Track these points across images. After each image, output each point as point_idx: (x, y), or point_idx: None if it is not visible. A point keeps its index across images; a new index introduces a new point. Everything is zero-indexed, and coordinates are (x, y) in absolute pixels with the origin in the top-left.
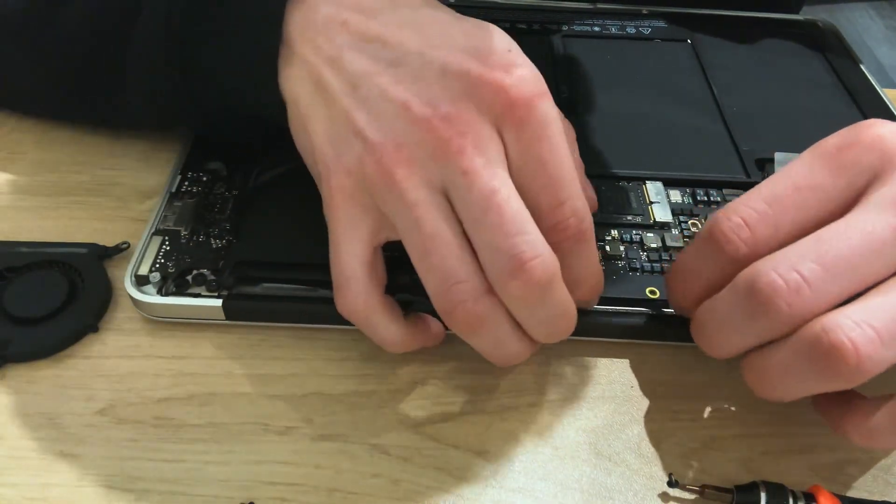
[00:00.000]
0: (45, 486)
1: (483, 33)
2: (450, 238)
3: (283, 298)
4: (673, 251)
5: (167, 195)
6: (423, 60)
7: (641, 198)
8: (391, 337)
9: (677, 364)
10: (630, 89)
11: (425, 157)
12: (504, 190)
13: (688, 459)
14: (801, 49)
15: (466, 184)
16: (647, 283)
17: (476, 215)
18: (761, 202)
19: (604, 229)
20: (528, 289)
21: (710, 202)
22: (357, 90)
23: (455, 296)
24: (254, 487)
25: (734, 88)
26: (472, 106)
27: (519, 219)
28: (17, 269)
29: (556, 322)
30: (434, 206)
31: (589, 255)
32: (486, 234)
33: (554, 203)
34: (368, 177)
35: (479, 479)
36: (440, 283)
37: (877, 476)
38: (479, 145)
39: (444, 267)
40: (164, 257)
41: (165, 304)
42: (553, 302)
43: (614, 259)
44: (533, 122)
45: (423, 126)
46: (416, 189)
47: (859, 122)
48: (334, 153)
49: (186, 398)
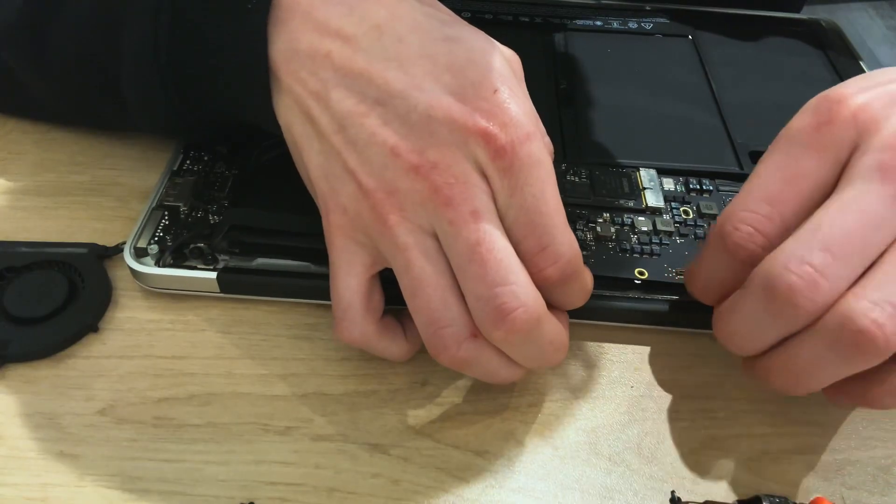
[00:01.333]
0: (45, 486)
1: (470, 69)
2: (436, 282)
3: (277, 273)
4: (663, 235)
5: (169, 173)
6: (409, 104)
7: (635, 184)
8: (392, 353)
9: (677, 364)
10: (629, 82)
11: (415, 203)
12: (488, 239)
13: (688, 459)
14: (803, 47)
15: (453, 233)
16: (636, 265)
17: (462, 263)
18: (762, 204)
19: (597, 212)
20: (510, 336)
21: (702, 191)
22: (345, 131)
23: (440, 340)
24: (254, 487)
25: (733, 84)
26: (458, 153)
27: (503, 268)
28: (17, 269)
29: (546, 356)
30: (423, 250)
31: (576, 289)
32: (471, 283)
33: (536, 249)
34: (363, 218)
35: (479, 479)
36: (427, 326)
37: (877, 476)
38: (466, 194)
39: (429, 310)
40: (163, 231)
41: (162, 276)
42: (541, 341)
43: (605, 240)
44: (516, 169)
45: (413, 174)
46: (408, 234)
47: (824, 93)
48: (329, 189)
49: (186, 398)
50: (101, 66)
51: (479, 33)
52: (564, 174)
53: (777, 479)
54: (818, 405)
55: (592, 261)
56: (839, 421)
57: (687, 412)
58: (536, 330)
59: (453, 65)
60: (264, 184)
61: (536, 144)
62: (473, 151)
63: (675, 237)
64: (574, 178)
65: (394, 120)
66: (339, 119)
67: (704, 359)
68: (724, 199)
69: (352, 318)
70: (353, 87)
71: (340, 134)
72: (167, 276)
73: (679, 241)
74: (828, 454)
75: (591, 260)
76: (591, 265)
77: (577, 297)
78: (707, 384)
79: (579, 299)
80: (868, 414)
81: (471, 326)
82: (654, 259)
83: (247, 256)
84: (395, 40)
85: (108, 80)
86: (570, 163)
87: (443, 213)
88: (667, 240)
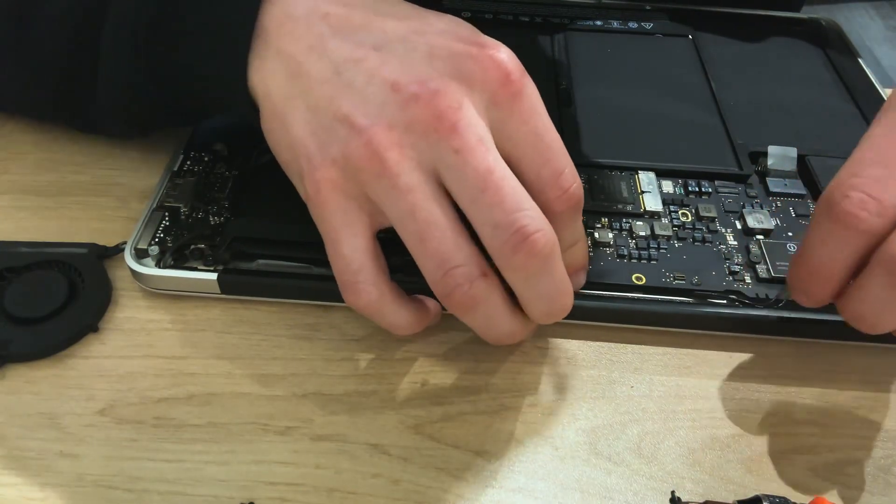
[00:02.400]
0: (45, 486)
1: (462, 24)
2: (445, 223)
3: (278, 274)
4: (661, 239)
5: (169, 173)
6: (409, 45)
7: (633, 187)
8: (402, 321)
9: (677, 364)
10: (628, 82)
11: (416, 137)
12: (499, 167)
13: (688, 459)
14: (803, 46)
15: (460, 162)
16: (633, 270)
17: (473, 194)
18: (874, 167)
19: (594, 217)
20: (532, 261)
21: (701, 193)
22: (341, 75)
23: (452, 279)
24: (254, 487)
25: (733, 83)
26: (462, 84)
27: (518, 195)
28: (17, 269)
29: (556, 298)
30: (428, 190)
31: (580, 223)
32: (486, 212)
33: (557, 172)
34: (357, 164)
35: (479, 479)
36: (437, 269)
37: (877, 476)
38: (470, 122)
39: (440, 252)
40: (163, 232)
41: (163, 276)
42: (554, 276)
43: (603, 246)
44: (526, 96)
45: (413, 103)
46: (409, 173)
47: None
48: (317, 144)
49: (186, 398)
50: (76, 49)
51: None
52: None
53: (777, 479)
54: (818, 405)
55: (590, 268)
56: (839, 421)
57: (687, 412)
58: (553, 257)
59: (442, 19)
60: (264, 186)
61: (531, 80)
62: (480, 80)
63: (672, 241)
64: None
65: (393, 60)
66: (335, 65)
67: (704, 359)
68: (723, 200)
69: (366, 278)
70: (350, 37)
71: (335, 79)
72: (168, 276)
73: (677, 245)
74: (828, 454)
75: (590, 266)
76: (590, 271)
77: (580, 234)
78: (707, 384)
79: (581, 238)
80: (868, 414)
81: (482, 265)
82: (653, 264)
83: (246, 260)
84: (391, 3)
85: (84, 68)
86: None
87: (448, 142)
88: (665, 244)
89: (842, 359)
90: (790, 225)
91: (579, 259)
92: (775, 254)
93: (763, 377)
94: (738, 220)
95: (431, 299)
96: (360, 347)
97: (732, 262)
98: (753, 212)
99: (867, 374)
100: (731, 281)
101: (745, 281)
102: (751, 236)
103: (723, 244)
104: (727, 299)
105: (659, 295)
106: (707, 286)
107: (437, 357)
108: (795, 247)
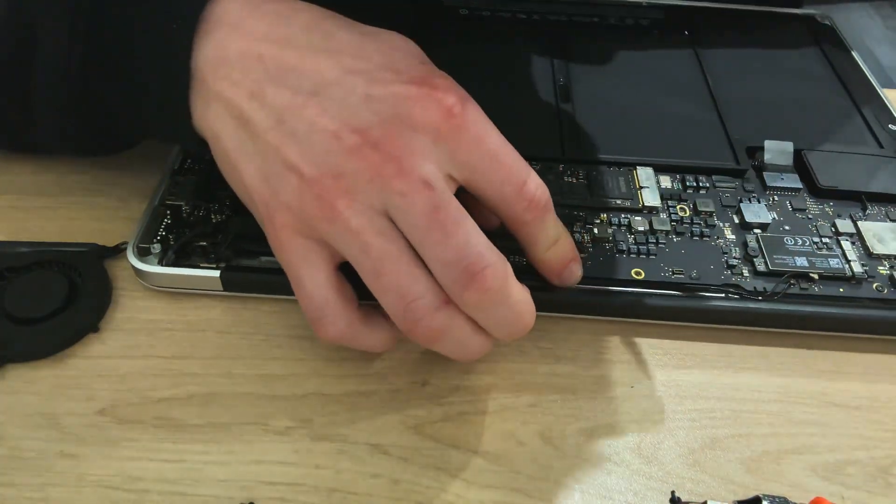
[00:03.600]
0: (45, 486)
1: (396, 51)
2: (398, 256)
3: (280, 271)
4: (660, 234)
5: (170, 171)
6: (346, 89)
7: (631, 182)
8: (376, 342)
9: (677, 364)
10: (625, 78)
11: (364, 183)
12: (445, 205)
13: (688, 459)
14: (799, 42)
15: (406, 205)
16: (633, 265)
17: (420, 234)
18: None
19: (593, 213)
20: (484, 296)
21: (698, 188)
22: (283, 124)
23: (413, 313)
24: (254, 487)
25: (729, 79)
26: (402, 126)
27: (464, 231)
28: (17, 269)
29: (515, 323)
30: (378, 229)
31: (555, 221)
32: (435, 249)
33: (518, 185)
34: (309, 212)
35: (479, 479)
36: (397, 303)
37: (876, 476)
38: (413, 165)
39: (397, 285)
40: (165, 230)
41: (166, 274)
42: (510, 303)
43: (602, 241)
44: (470, 124)
45: (356, 153)
46: (360, 216)
47: None
48: (270, 191)
49: (186, 398)
50: (12, 75)
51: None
52: (562, 175)
53: (777, 479)
54: (818, 405)
55: (590, 262)
56: (839, 421)
57: (687, 412)
58: (506, 289)
59: (380, 49)
60: None
61: (473, 101)
62: (421, 120)
63: (671, 236)
64: (571, 179)
65: (332, 107)
66: (276, 114)
67: (704, 359)
68: (720, 195)
69: (333, 311)
70: (287, 82)
71: (279, 128)
72: (171, 274)
73: (675, 240)
74: (828, 454)
75: (589, 262)
76: (589, 267)
77: (560, 229)
78: (707, 384)
79: (563, 232)
80: (868, 414)
81: (441, 295)
82: (651, 259)
83: (248, 258)
84: (324, 36)
85: (20, 88)
86: (567, 160)
87: (393, 186)
88: (663, 239)
89: (842, 359)
90: (787, 219)
91: (566, 253)
92: (773, 248)
93: (763, 377)
94: (736, 215)
95: None
96: None
97: (730, 256)
98: (750, 206)
99: (867, 374)
100: (730, 275)
101: (743, 274)
102: (748, 230)
103: (720, 238)
104: (725, 293)
105: (658, 289)
106: (706, 280)
107: (437, 357)
108: (792, 241)
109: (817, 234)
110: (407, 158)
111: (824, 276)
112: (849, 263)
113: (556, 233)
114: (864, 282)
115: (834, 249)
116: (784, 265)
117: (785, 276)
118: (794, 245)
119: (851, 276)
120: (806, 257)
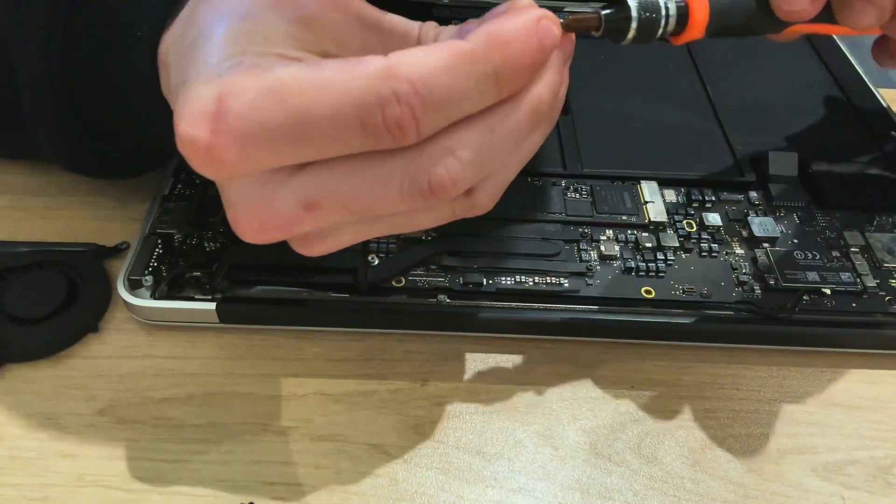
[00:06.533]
0: (45, 486)
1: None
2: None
3: (278, 301)
4: (668, 251)
5: (160, 198)
6: None
7: (636, 198)
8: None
9: (677, 364)
10: (624, 88)
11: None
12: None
13: (688, 459)
14: (796, 48)
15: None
16: (642, 284)
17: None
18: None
19: (598, 229)
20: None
21: (704, 202)
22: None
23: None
24: (254, 487)
25: (729, 88)
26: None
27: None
28: (17, 269)
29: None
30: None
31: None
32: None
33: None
34: None
35: (479, 479)
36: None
37: (876, 476)
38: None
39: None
40: (157, 260)
41: (159, 308)
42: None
43: (609, 259)
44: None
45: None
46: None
47: None
48: None
49: (186, 398)
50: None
51: None
52: (565, 191)
53: (777, 479)
54: (818, 405)
55: (598, 281)
56: (839, 421)
57: (687, 412)
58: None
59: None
60: None
61: (237, 95)
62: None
63: (679, 252)
64: (575, 194)
65: None
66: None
67: (704, 359)
68: (727, 208)
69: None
70: None
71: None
72: (164, 308)
73: (684, 257)
74: (828, 454)
75: (598, 281)
76: (598, 287)
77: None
78: (707, 384)
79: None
80: (868, 414)
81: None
82: (661, 277)
83: (245, 287)
84: None
85: (11, 107)
86: (570, 176)
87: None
88: (672, 256)
89: (843, 359)
90: (795, 232)
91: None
92: (783, 263)
93: (763, 377)
94: (744, 229)
95: None
96: (360, 347)
97: (741, 272)
98: (758, 220)
99: (868, 375)
100: (741, 292)
101: (754, 291)
102: (757, 245)
103: (729, 254)
104: (738, 311)
105: (670, 308)
106: (717, 297)
107: (437, 357)
108: (802, 255)
109: (826, 248)
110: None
111: (836, 290)
112: (860, 277)
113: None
114: (876, 296)
115: (844, 263)
116: (796, 280)
117: (798, 293)
118: (805, 259)
119: (863, 289)
120: (817, 272)
